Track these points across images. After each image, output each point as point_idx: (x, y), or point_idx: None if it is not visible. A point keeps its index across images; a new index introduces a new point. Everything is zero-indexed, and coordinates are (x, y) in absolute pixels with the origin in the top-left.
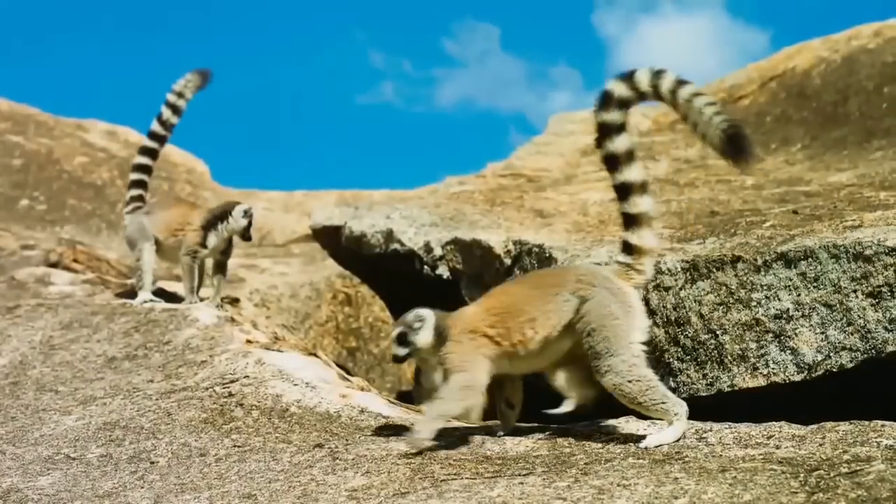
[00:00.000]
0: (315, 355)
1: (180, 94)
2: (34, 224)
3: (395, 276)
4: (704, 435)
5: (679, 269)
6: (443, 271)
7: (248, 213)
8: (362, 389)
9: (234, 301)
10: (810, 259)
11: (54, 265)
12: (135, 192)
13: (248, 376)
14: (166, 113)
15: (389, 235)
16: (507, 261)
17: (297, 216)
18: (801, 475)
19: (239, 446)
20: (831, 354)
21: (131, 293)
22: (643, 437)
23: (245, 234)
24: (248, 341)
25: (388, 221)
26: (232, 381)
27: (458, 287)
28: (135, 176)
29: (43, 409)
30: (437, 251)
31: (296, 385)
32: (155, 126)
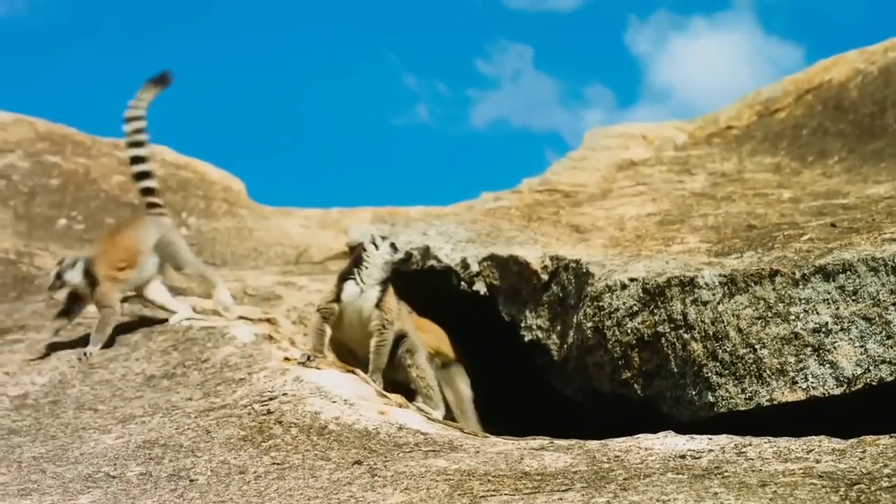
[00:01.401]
0: (353, 372)
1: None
2: (72, 243)
3: (432, 292)
4: (744, 449)
5: (717, 284)
6: (480, 287)
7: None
8: (400, 406)
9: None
10: (849, 272)
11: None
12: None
13: (286, 394)
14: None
15: (426, 252)
16: (545, 276)
17: (334, 233)
18: (842, 489)
19: (278, 464)
20: (871, 368)
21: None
22: (683, 455)
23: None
24: (286, 359)
25: (424, 238)
26: (270, 399)
27: (496, 303)
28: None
29: (82, 428)
30: (474, 267)
31: (334, 402)
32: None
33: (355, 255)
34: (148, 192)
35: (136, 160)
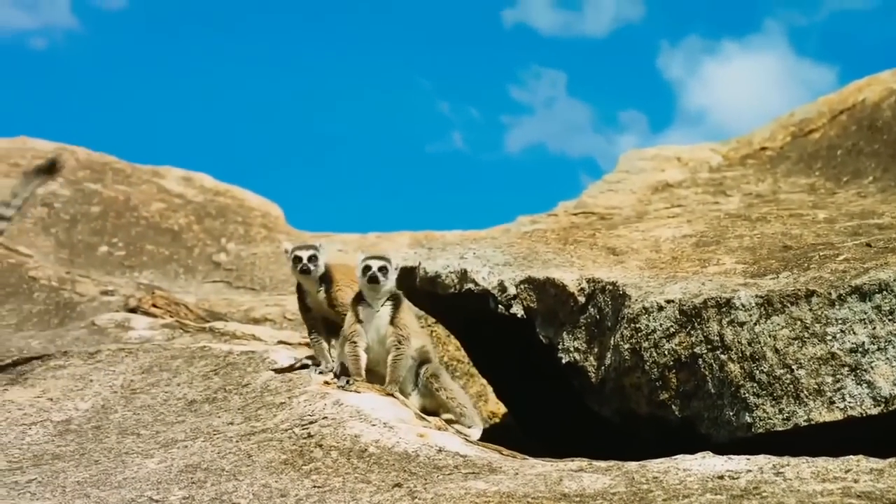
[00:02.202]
0: (392, 395)
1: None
2: (113, 270)
3: (470, 315)
4: (782, 470)
5: (753, 305)
6: (517, 310)
7: None
8: (439, 429)
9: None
10: (885, 292)
11: (133, 310)
12: None
13: (326, 417)
14: None
15: (463, 275)
16: (581, 299)
17: None
18: None
19: (319, 487)
20: None
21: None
22: (722, 475)
23: None
24: (326, 383)
25: (461, 262)
26: (311, 423)
27: (533, 325)
28: None
29: (125, 453)
30: (511, 290)
31: (374, 425)
32: None
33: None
34: None
35: None
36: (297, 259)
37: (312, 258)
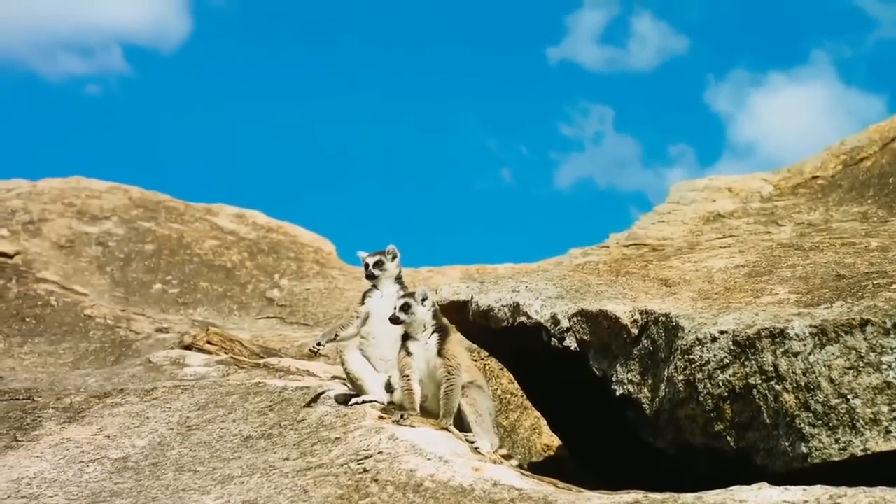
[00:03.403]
0: (446, 429)
1: None
2: (168, 307)
3: (523, 348)
4: (839, 500)
5: (807, 334)
6: (570, 343)
7: None
8: (494, 462)
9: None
10: None
11: (188, 347)
12: None
13: (381, 452)
14: None
15: (516, 309)
16: (635, 331)
17: None
18: None
19: None
20: None
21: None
22: None
23: None
24: (381, 417)
25: (514, 295)
26: (366, 457)
27: (586, 358)
28: None
29: (182, 489)
30: (564, 323)
31: (429, 459)
32: None
33: None
34: None
35: None
36: (365, 265)
37: (378, 264)
